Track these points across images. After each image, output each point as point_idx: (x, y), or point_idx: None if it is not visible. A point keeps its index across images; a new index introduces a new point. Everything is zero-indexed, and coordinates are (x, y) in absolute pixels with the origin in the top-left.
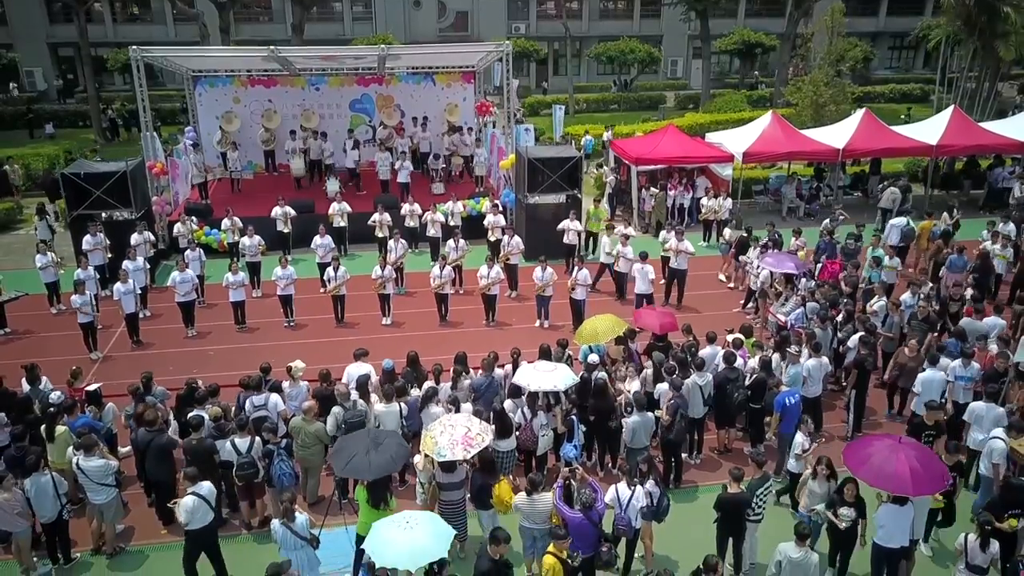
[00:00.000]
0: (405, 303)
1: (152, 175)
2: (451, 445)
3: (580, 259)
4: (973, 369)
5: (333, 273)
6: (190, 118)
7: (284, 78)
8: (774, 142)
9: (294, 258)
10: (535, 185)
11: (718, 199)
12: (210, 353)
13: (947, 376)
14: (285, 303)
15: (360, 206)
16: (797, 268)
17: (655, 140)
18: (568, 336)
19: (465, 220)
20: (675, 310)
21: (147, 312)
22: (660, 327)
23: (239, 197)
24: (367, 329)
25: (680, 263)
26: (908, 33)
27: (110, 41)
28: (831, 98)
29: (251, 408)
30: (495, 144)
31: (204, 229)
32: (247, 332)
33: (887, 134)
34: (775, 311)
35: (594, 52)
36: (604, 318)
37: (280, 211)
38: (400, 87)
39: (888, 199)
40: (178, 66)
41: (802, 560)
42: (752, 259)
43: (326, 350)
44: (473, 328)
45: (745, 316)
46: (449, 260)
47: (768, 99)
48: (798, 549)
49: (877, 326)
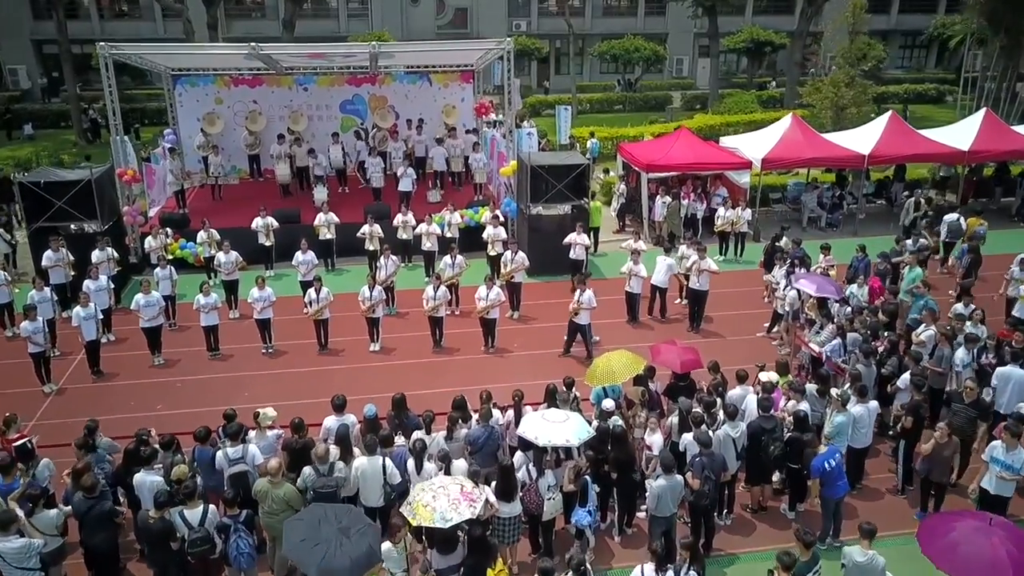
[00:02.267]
0: (395, 325)
1: (122, 183)
2: (453, 505)
3: (582, 280)
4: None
5: (315, 295)
6: (170, 120)
7: (270, 77)
8: (795, 147)
9: (277, 273)
10: (538, 195)
11: (736, 209)
12: (177, 385)
13: None
14: (263, 328)
15: (349, 215)
16: (837, 292)
17: (666, 145)
18: (562, 365)
19: (463, 231)
20: (694, 332)
21: (111, 336)
22: (682, 365)
23: (220, 205)
24: (353, 356)
25: (702, 283)
26: (921, 31)
27: (96, 37)
28: (852, 100)
29: (224, 462)
30: (495, 148)
31: (179, 242)
32: (220, 360)
33: (915, 139)
34: (808, 340)
35: (598, 50)
36: (620, 355)
37: (261, 222)
38: (394, 87)
39: (909, 215)
40: (154, 64)
41: (867, 564)
42: (778, 278)
43: (306, 383)
44: (470, 356)
45: (770, 342)
46: (444, 278)
47: (779, 99)
48: (863, 552)
49: (924, 357)
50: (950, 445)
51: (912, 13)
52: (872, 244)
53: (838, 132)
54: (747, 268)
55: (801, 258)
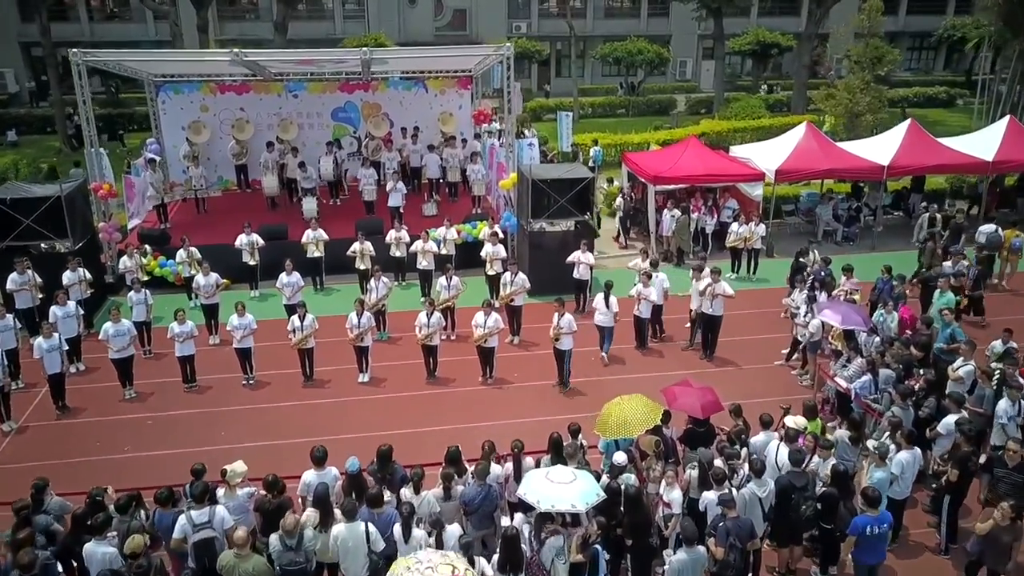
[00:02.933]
0: (387, 352)
1: (98, 198)
2: None
3: (560, 303)
4: None
5: (299, 322)
6: (153, 129)
7: (258, 84)
8: (810, 157)
9: (263, 293)
10: (540, 210)
11: (749, 224)
12: (148, 422)
13: None
14: (243, 358)
15: (340, 230)
16: (865, 323)
17: (674, 155)
18: (566, 398)
19: (460, 247)
20: (707, 359)
21: (81, 366)
22: (702, 409)
23: (204, 219)
24: (340, 388)
25: (716, 308)
26: (930, 33)
27: (85, 40)
28: (868, 106)
29: (188, 528)
30: (494, 158)
31: (158, 259)
32: (196, 392)
33: (936, 148)
34: (835, 374)
35: (600, 53)
36: (634, 403)
37: (246, 240)
38: (388, 94)
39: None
40: (134, 71)
41: None
42: (797, 302)
43: (288, 419)
44: (467, 387)
45: (789, 371)
46: (439, 302)
47: (785, 103)
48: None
49: (964, 397)
50: (1013, 530)
51: (921, 14)
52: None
53: (854, 141)
54: (761, 287)
55: (823, 280)
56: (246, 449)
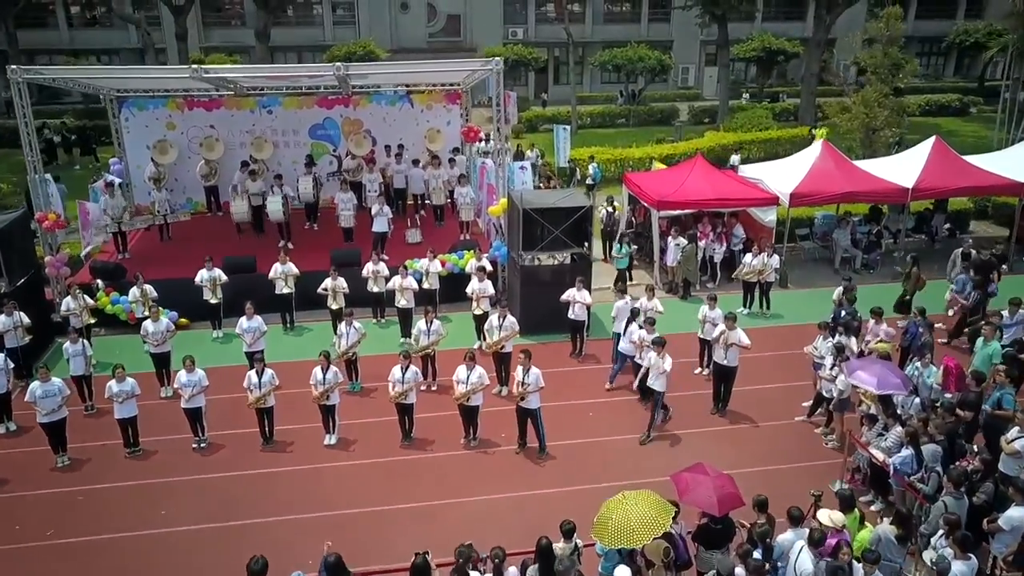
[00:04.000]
0: (360, 407)
1: (43, 229)
2: None
3: (526, 354)
4: None
5: (256, 378)
6: (116, 148)
7: (229, 99)
8: (828, 179)
9: (227, 333)
10: (532, 241)
11: (763, 255)
12: (79, 498)
13: None
14: (193, 418)
15: (313, 261)
16: (904, 385)
17: (680, 176)
18: (558, 468)
19: (445, 279)
20: (719, 414)
21: (11, 426)
22: (719, 505)
23: (168, 249)
24: (303, 453)
25: (731, 359)
26: (941, 38)
27: (64, 48)
28: (886, 121)
29: None
30: (484, 179)
31: (111, 295)
32: (140, 459)
33: (964, 168)
34: (869, 443)
35: (599, 60)
36: (639, 502)
37: (207, 275)
38: (371, 109)
39: (956, 267)
40: (87, 86)
41: None
42: (821, 351)
43: (241, 492)
44: (447, 451)
45: (812, 429)
46: (416, 349)
47: (793, 112)
48: None
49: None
50: None
51: (930, 19)
52: None
53: (874, 160)
54: (776, 323)
55: (847, 324)
56: (187, 534)
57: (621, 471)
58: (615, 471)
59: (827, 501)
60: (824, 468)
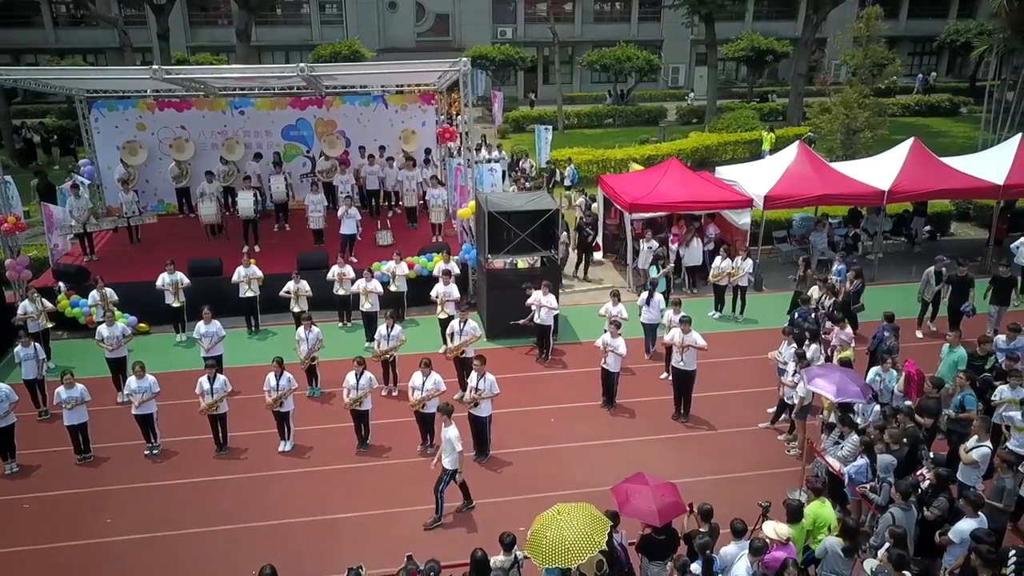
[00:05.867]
0: (317, 413)
1: (3, 232)
2: None
3: (481, 360)
4: None
5: (208, 384)
6: (87, 149)
7: (200, 100)
8: (803, 182)
9: (190, 337)
10: (499, 244)
11: (736, 259)
12: (24, 506)
13: None
14: (144, 424)
15: (281, 263)
16: (863, 393)
17: (653, 179)
18: (516, 475)
19: (413, 282)
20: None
21: None
22: (660, 515)
23: (136, 251)
24: (257, 460)
25: (688, 362)
26: (932, 38)
27: (50, 47)
28: (866, 122)
29: None
30: (458, 181)
31: (71, 298)
32: (90, 465)
33: (942, 170)
34: (826, 452)
35: (587, 60)
36: (574, 517)
37: (168, 279)
38: (344, 110)
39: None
40: (56, 88)
41: None
42: (785, 357)
43: (188, 499)
44: (403, 459)
45: (776, 435)
46: (377, 353)
47: (781, 112)
48: None
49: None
50: None
51: (922, 18)
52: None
53: (851, 162)
54: (749, 328)
55: (815, 332)
56: (129, 543)
57: (573, 480)
58: (567, 479)
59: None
60: (786, 476)
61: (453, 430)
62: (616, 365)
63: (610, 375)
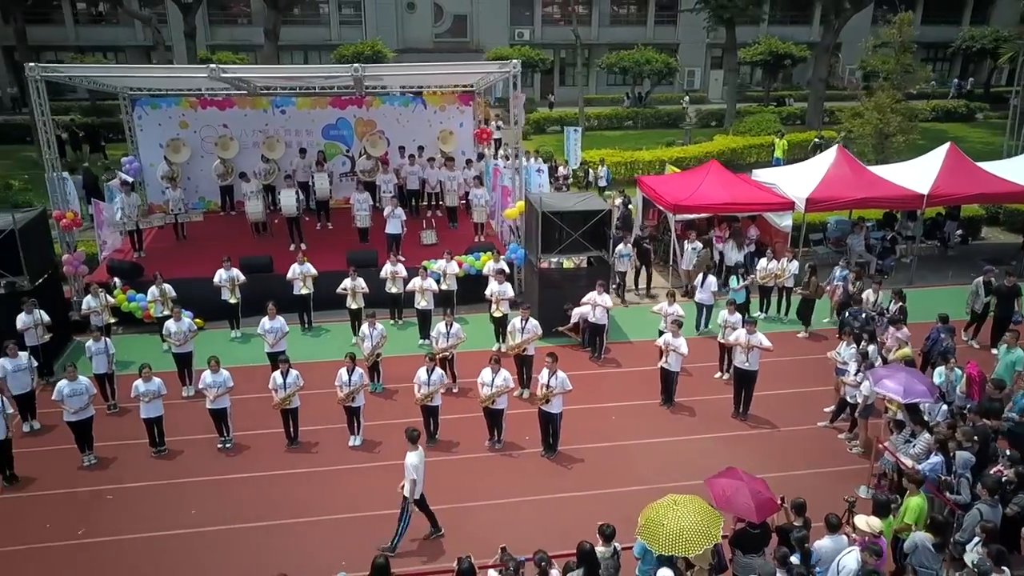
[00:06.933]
0: (382, 409)
1: (61, 228)
2: None
3: (553, 358)
4: None
5: (282, 379)
6: (129, 147)
7: (242, 98)
8: (843, 185)
9: (245, 334)
10: (551, 244)
11: (782, 261)
12: (108, 497)
13: None
14: (218, 419)
15: (328, 261)
16: (930, 392)
17: (695, 181)
18: (583, 470)
19: (462, 281)
20: (740, 419)
21: (35, 424)
22: (757, 511)
23: (183, 248)
24: (328, 454)
25: (752, 363)
26: (947, 44)
27: (70, 44)
28: (899, 127)
29: None
30: (498, 181)
31: (127, 293)
32: (165, 458)
33: (979, 175)
34: (897, 450)
35: (606, 62)
36: (691, 509)
37: (225, 276)
38: (383, 110)
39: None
40: (104, 84)
41: None
42: (844, 357)
43: (268, 492)
44: (472, 454)
45: (836, 435)
46: (436, 351)
47: (799, 116)
48: None
49: None
50: None
51: (935, 24)
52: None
53: (887, 166)
54: (794, 329)
55: (872, 332)
56: (219, 533)
57: (643, 476)
58: (637, 475)
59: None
60: (848, 474)
61: (414, 456)
62: (677, 364)
63: (670, 374)
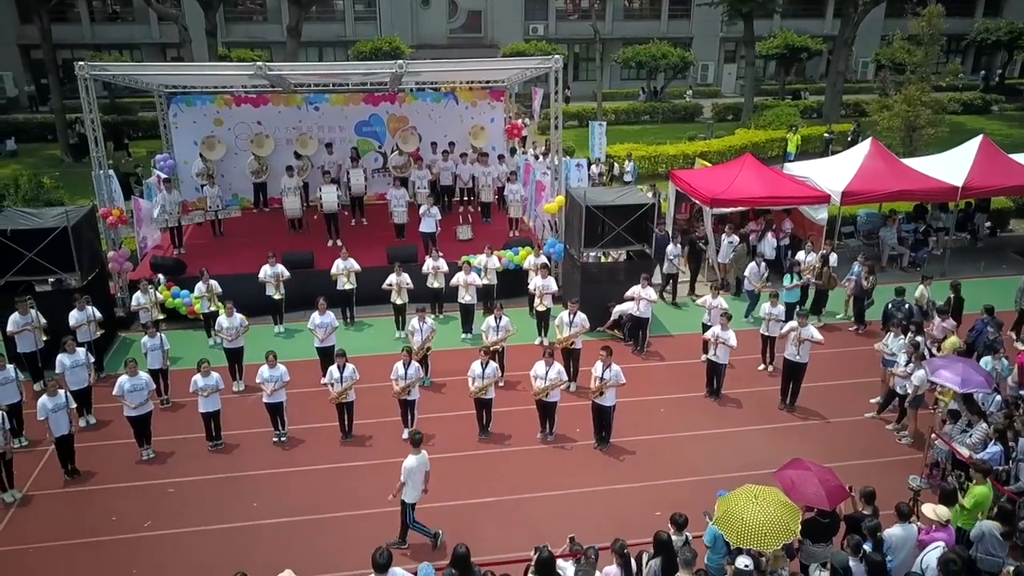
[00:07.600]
0: (432, 402)
1: (107, 225)
2: None
3: (607, 351)
4: None
5: (338, 373)
6: (164, 144)
7: (276, 96)
8: (878, 177)
9: (288, 328)
10: (594, 238)
11: (819, 254)
12: (169, 490)
13: None
14: (274, 413)
15: (366, 257)
16: (988, 383)
17: (730, 174)
18: (636, 462)
19: (501, 275)
20: (787, 410)
21: (91, 419)
22: (828, 498)
23: (221, 244)
24: (383, 447)
25: (803, 355)
26: (962, 36)
27: (87, 43)
28: (928, 120)
29: None
30: (531, 177)
31: (172, 290)
32: (222, 451)
33: (1013, 167)
34: (954, 440)
35: (622, 56)
36: (770, 502)
37: (270, 271)
38: (416, 106)
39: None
40: (144, 83)
41: None
42: (892, 348)
43: (328, 484)
44: (524, 446)
45: (884, 425)
46: (485, 344)
47: (816, 110)
48: None
49: None
50: None
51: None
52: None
53: (919, 159)
54: (830, 320)
55: (919, 324)
56: (284, 526)
57: (696, 466)
58: (691, 466)
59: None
60: (898, 464)
61: (413, 460)
62: (725, 357)
63: (718, 366)
